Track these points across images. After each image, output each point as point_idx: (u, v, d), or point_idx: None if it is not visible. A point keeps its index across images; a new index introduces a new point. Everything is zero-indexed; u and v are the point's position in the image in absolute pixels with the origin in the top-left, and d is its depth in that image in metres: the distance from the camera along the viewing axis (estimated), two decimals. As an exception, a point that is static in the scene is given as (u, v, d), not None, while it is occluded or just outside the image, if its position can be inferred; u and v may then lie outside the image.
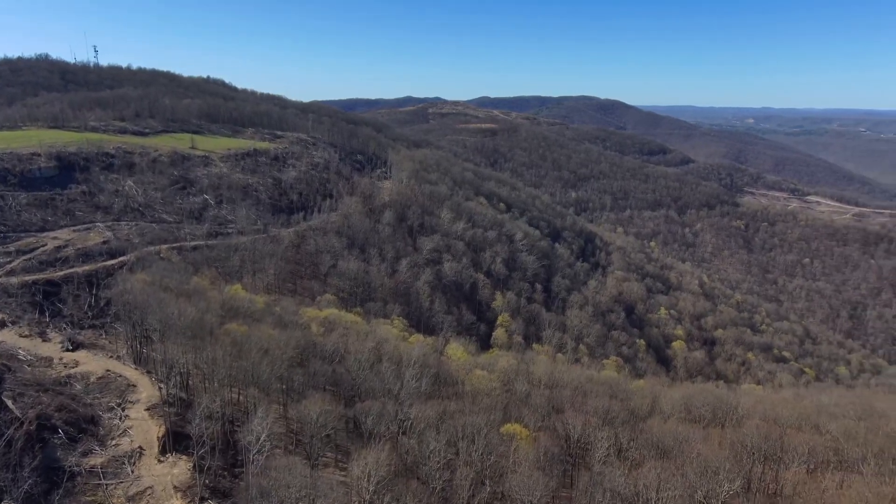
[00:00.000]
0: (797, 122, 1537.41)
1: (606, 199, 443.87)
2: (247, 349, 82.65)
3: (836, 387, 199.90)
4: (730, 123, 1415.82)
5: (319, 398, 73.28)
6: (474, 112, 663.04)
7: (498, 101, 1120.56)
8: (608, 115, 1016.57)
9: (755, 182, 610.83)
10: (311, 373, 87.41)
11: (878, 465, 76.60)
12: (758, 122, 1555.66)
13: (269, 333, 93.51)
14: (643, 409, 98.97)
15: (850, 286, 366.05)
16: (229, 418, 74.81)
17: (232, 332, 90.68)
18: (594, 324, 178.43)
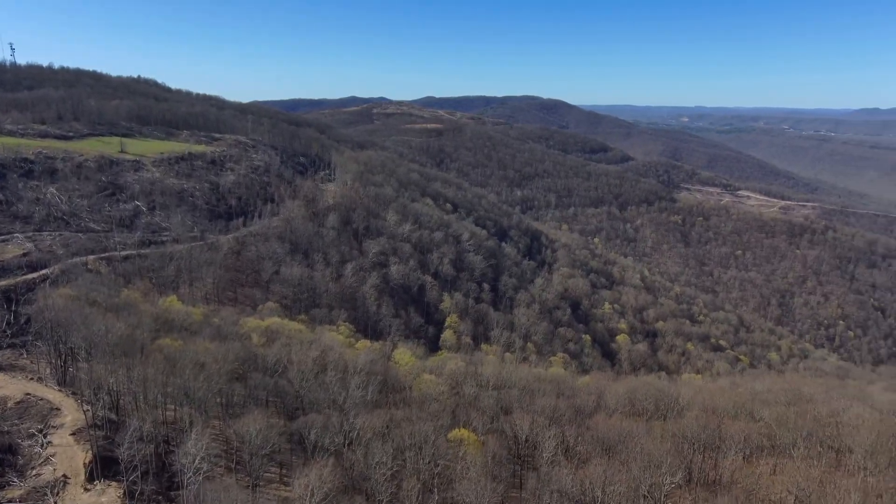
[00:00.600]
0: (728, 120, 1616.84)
1: (551, 197, 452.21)
2: (181, 365, 78.59)
3: (768, 373, 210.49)
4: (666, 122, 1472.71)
5: (260, 413, 70.48)
6: (419, 112, 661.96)
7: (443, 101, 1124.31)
8: (551, 115, 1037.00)
9: (690, 178, 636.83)
10: (251, 387, 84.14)
11: (807, 448, 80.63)
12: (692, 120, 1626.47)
13: (206, 347, 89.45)
14: (589, 405, 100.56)
15: (778, 275, 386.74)
16: (163, 439, 70.89)
17: (165, 347, 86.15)
18: (541, 321, 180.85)
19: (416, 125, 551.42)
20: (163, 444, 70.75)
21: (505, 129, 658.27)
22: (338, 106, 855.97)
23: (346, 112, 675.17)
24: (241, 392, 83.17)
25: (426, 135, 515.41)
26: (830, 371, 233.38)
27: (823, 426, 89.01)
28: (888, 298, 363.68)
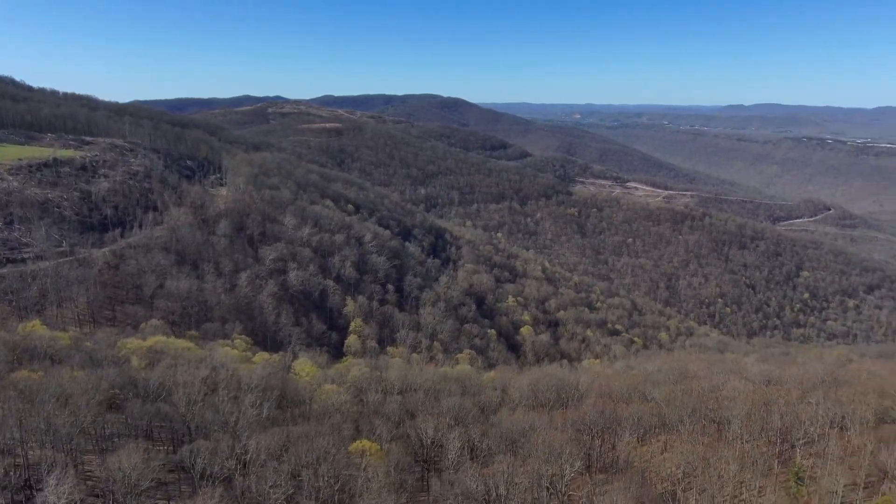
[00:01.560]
0: (615, 116, 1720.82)
1: (454, 194, 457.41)
2: (41, 399, 69.59)
3: (659, 352, 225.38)
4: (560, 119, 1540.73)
5: (136, 446, 63.76)
6: (318, 111, 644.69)
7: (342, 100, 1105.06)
8: (452, 113, 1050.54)
9: (584, 172, 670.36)
10: (129, 417, 76.33)
11: (692, 423, 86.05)
12: (584, 116, 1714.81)
13: (73, 376, 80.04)
14: (493, 401, 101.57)
15: (665, 260, 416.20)
16: (18, 487, 62.21)
17: (22, 380, 76.02)
18: (447, 319, 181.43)
19: (314, 125, 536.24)
20: (19, 492, 62.14)
21: (406, 127, 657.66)
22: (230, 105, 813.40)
23: (239, 112, 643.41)
24: (116, 424, 75.23)
25: (325, 134, 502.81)
26: (712, 346, 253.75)
27: (706, 401, 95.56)
28: (757, 276, 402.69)
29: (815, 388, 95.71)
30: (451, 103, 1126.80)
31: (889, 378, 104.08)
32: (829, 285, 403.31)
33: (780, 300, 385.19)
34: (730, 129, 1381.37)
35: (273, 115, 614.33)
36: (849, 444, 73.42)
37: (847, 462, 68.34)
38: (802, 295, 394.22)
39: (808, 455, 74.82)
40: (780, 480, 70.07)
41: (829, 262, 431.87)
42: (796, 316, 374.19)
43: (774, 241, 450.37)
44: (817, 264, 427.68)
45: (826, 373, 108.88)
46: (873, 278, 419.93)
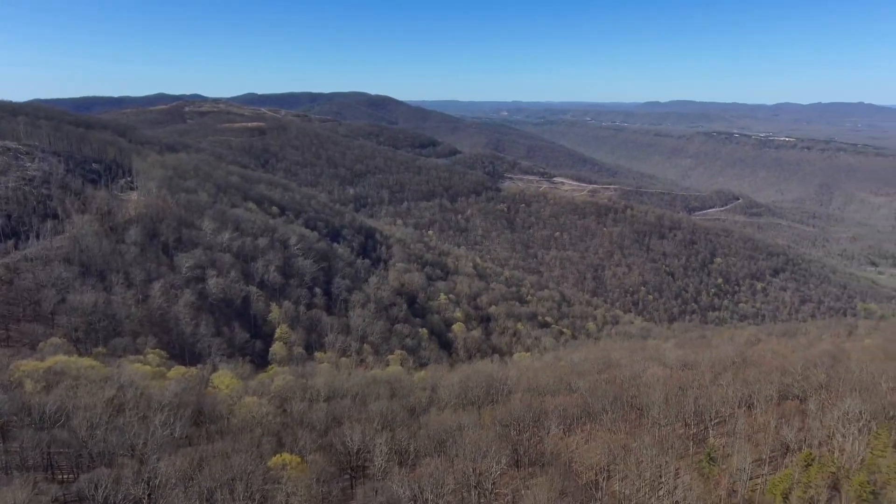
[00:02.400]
0: (541, 113, 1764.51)
1: (384, 193, 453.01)
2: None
3: (587, 342, 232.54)
4: (488, 116, 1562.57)
5: (24, 480, 57.89)
6: (239, 110, 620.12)
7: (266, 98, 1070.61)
8: (380, 111, 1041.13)
9: (513, 168, 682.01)
10: (19, 448, 69.41)
11: (614, 412, 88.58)
12: (511, 114, 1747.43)
13: (-47, 407, 72.02)
14: (423, 402, 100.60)
15: (591, 252, 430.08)
16: None
17: None
18: (378, 320, 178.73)
19: (236, 124, 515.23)
20: None
21: (333, 126, 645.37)
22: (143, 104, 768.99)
23: (154, 111, 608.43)
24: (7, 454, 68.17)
25: (248, 134, 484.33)
26: (636, 333, 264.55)
27: (627, 389, 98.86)
28: (675, 264, 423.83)
29: (725, 369, 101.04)
30: (379, 101, 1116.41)
31: (790, 356, 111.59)
32: (740, 270, 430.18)
33: (696, 286, 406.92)
34: (648, 125, 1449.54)
35: (191, 115, 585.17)
36: (755, 422, 77.73)
37: (754, 439, 72.24)
38: (716, 280, 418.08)
39: (720, 435, 78.63)
40: (695, 461, 73.14)
41: (739, 249, 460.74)
42: (711, 300, 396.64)
43: (690, 230, 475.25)
44: (729, 251, 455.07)
45: (736, 354, 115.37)
46: (778, 262, 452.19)
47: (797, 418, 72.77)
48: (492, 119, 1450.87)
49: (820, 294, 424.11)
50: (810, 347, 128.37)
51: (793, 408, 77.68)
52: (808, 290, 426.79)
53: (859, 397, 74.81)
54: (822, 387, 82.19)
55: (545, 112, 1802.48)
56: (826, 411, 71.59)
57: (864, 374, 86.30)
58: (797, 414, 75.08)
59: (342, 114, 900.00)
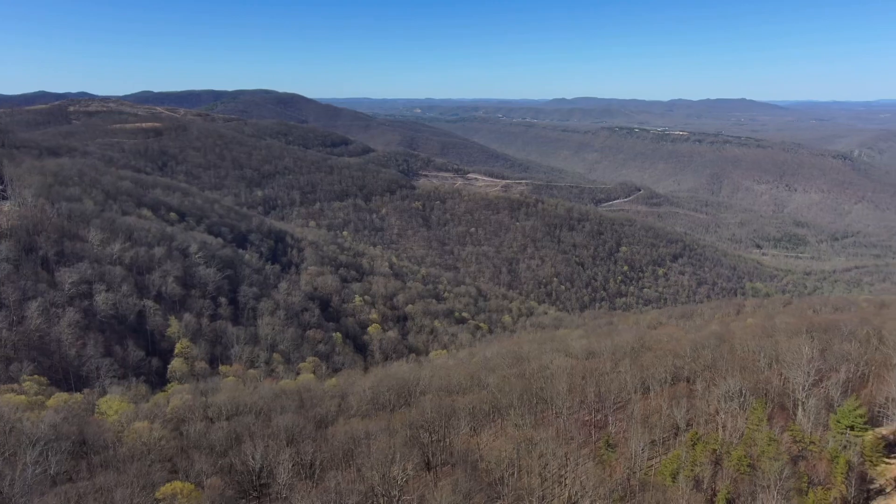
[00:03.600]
0: (454, 110, 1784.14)
1: (295, 194, 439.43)
2: None
3: (503, 335, 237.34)
4: (401, 113, 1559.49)
5: None
6: (133, 109, 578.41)
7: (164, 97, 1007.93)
8: (288, 109, 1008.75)
9: (427, 166, 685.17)
10: None
11: (522, 406, 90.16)
12: (424, 111, 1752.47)
13: None
14: (332, 411, 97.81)
15: (505, 246, 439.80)
16: None
17: None
18: (288, 328, 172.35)
19: (128, 125, 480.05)
20: None
21: (238, 125, 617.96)
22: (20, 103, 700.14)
23: (32, 111, 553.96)
24: None
25: (143, 135, 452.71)
26: (549, 323, 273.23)
27: (535, 381, 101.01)
28: (585, 254, 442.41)
29: (625, 356, 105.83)
30: (287, 99, 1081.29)
31: (684, 338, 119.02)
32: (643, 257, 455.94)
33: (604, 274, 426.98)
34: (556, 121, 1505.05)
35: (76, 115, 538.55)
36: (649, 406, 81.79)
37: (649, 422, 75.90)
38: (623, 268, 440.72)
39: (620, 420, 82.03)
40: (596, 448, 75.77)
41: (642, 237, 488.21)
42: (619, 287, 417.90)
43: (597, 221, 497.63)
44: (632, 239, 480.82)
45: (634, 340, 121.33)
46: (676, 248, 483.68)
47: (686, 399, 77.28)
48: (405, 116, 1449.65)
49: (714, 276, 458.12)
50: (701, 329, 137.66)
51: (683, 389, 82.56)
52: (703, 273, 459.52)
53: (739, 375, 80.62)
54: (707, 367, 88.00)
55: (458, 109, 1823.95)
56: (711, 391, 76.57)
57: (744, 353, 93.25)
58: (686, 395, 79.82)
59: (248, 112, 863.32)
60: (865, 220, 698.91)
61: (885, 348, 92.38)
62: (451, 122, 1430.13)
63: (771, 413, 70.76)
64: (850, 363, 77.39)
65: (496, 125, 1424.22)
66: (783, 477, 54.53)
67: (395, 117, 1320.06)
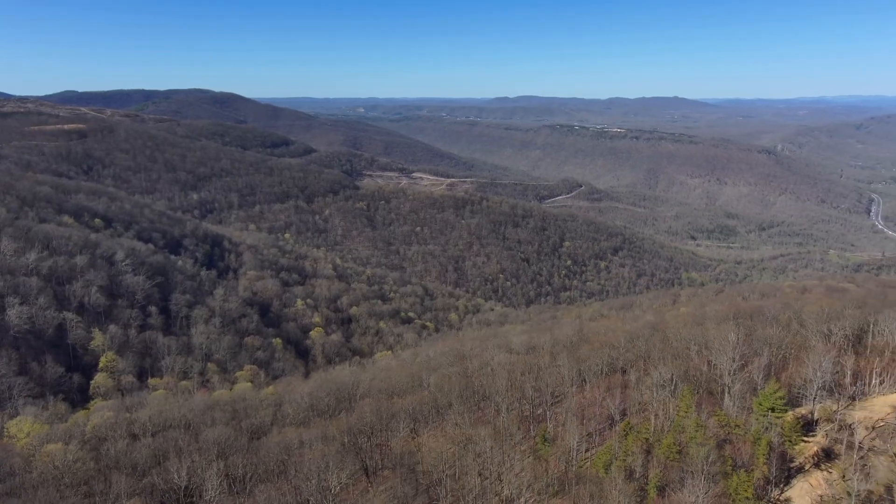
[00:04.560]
0: (398, 109, 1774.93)
1: (233, 197, 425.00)
2: None
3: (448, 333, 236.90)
4: (344, 113, 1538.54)
5: None
6: (54, 110, 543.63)
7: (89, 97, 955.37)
8: (225, 109, 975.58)
9: (371, 165, 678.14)
10: None
11: (461, 405, 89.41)
12: (367, 110, 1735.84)
13: None
14: (266, 421, 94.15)
15: (451, 244, 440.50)
16: None
17: None
18: (224, 335, 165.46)
19: (48, 126, 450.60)
20: None
21: (171, 126, 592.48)
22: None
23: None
24: None
25: (65, 137, 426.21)
26: (495, 320, 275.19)
27: (477, 379, 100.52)
28: (529, 250, 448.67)
29: (564, 349, 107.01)
30: (224, 98, 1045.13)
31: (620, 329, 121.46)
32: (585, 251, 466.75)
33: (549, 269, 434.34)
34: (499, 119, 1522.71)
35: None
36: (585, 398, 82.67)
37: (585, 415, 76.56)
38: (566, 262, 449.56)
39: (557, 414, 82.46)
40: (534, 444, 75.77)
41: (584, 232, 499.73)
42: (563, 281, 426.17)
43: (541, 217, 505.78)
44: (575, 234, 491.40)
45: (573, 333, 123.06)
46: (617, 241, 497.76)
47: (620, 390, 78.48)
48: (348, 116, 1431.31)
49: (652, 267, 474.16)
50: (637, 320, 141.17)
51: (617, 380, 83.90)
52: (642, 264, 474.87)
53: (671, 364, 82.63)
54: (641, 357, 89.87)
55: (402, 108, 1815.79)
56: (643, 380, 78.04)
57: (676, 342, 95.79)
58: (620, 386, 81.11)
59: (182, 113, 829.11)
60: (789, 211, 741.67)
61: (805, 331, 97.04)
62: (395, 122, 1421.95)
63: (700, 399, 72.66)
64: (772, 347, 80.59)
65: (440, 124, 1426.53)
66: (709, 462, 55.78)
67: (337, 117, 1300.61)
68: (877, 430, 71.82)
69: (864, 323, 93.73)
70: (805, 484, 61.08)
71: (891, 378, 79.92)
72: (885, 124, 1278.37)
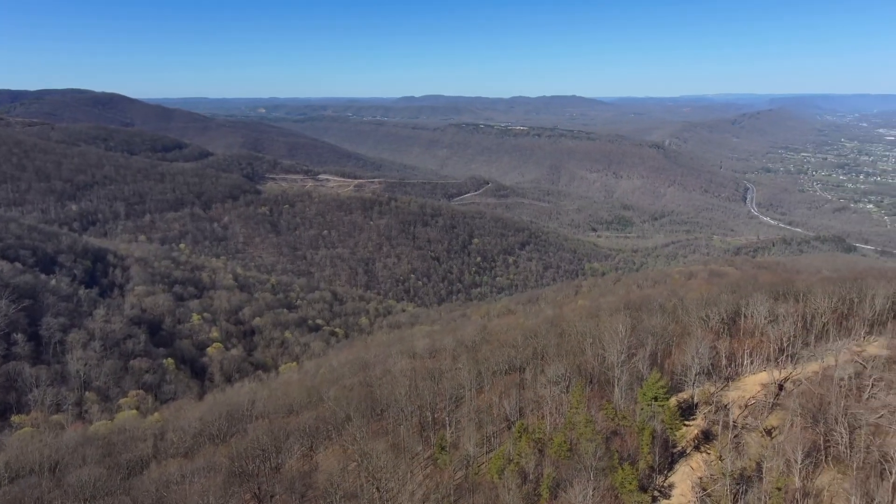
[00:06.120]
0: (301, 109, 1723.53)
1: (119, 206, 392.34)
2: None
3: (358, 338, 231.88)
4: (244, 114, 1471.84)
5: None
6: None
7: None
8: (109, 111, 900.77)
9: (274, 168, 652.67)
10: None
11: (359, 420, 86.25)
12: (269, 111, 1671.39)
13: None
14: (147, 453, 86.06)
15: (360, 247, 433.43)
16: None
17: None
18: (106, 360, 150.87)
19: None
20: None
21: (43, 130, 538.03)
22: None
23: None
24: None
25: None
26: (406, 321, 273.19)
27: (377, 388, 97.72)
28: (440, 249, 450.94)
29: (465, 350, 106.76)
30: (106, 99, 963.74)
31: (521, 326, 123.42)
32: (494, 247, 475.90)
33: (459, 267, 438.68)
34: (406, 119, 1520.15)
35: None
36: (483, 401, 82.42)
37: (482, 418, 76.11)
38: (476, 259, 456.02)
39: (457, 420, 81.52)
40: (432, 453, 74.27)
41: (492, 228, 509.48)
42: (473, 278, 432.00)
43: (450, 215, 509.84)
44: (484, 231, 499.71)
45: (477, 333, 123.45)
46: (523, 236, 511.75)
47: (516, 390, 78.83)
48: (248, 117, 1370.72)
49: (558, 260, 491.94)
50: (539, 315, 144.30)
51: (514, 380, 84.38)
52: (548, 257, 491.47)
53: (566, 359, 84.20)
54: (538, 354, 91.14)
55: (305, 108, 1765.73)
56: (538, 378, 78.85)
57: (572, 336, 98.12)
58: (517, 385, 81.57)
59: (57, 115, 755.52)
60: (677, 201, 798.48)
61: (688, 317, 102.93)
62: (299, 122, 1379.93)
63: (592, 394, 74.34)
64: (656, 337, 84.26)
65: (346, 124, 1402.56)
66: (598, 457, 56.67)
67: (236, 118, 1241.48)
68: (749, 408, 77.01)
69: (738, 307, 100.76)
70: (686, 467, 63.89)
71: (760, 357, 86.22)
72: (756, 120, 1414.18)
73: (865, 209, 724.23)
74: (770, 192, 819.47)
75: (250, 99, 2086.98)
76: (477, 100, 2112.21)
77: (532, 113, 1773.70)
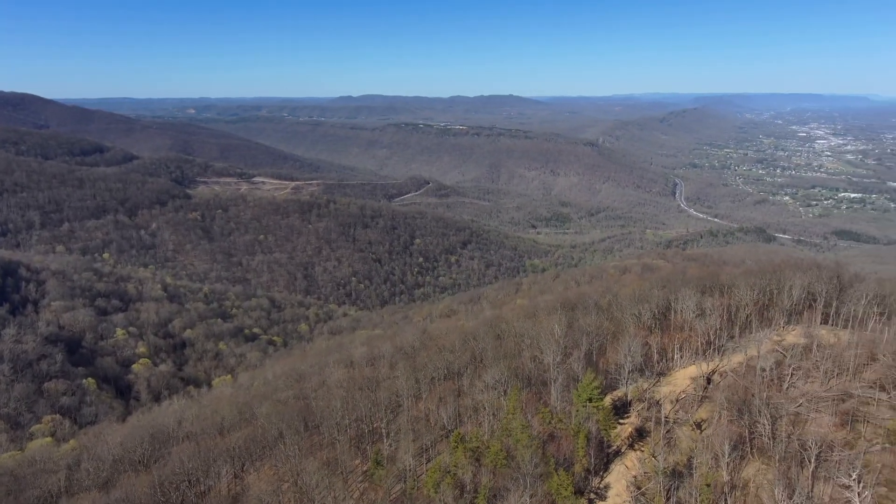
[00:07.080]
0: (233, 110, 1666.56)
1: (33, 215, 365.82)
2: None
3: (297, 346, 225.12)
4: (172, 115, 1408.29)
5: None
6: None
7: None
8: (20, 112, 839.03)
9: (205, 171, 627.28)
10: None
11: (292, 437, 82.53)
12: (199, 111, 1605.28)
13: None
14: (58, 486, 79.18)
15: (299, 251, 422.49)
16: None
17: None
18: (16, 384, 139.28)
19: None
20: None
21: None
22: None
23: None
24: None
25: None
26: (347, 325, 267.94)
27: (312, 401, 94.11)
28: (381, 250, 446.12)
29: (403, 357, 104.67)
30: (17, 100, 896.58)
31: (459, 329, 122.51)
32: (436, 247, 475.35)
33: (402, 268, 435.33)
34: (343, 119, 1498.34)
35: None
36: (421, 410, 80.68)
37: (418, 429, 74.32)
38: (418, 259, 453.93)
39: (394, 431, 79.37)
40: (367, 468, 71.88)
41: (434, 228, 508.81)
42: (416, 279, 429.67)
43: (391, 216, 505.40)
44: (425, 231, 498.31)
45: (416, 338, 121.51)
46: (465, 235, 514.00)
47: (453, 397, 77.54)
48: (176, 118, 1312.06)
49: (499, 257, 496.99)
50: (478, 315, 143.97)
51: (451, 387, 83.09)
52: (490, 255, 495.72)
53: (503, 362, 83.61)
54: (475, 359, 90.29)
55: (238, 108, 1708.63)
56: (475, 384, 77.88)
57: (509, 338, 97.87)
58: (454, 392, 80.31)
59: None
60: (612, 197, 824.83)
61: (622, 314, 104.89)
62: (232, 123, 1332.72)
63: (529, 396, 74.02)
64: (590, 336, 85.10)
65: (281, 125, 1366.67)
66: (534, 464, 56.06)
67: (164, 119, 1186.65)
68: (679, 402, 78.90)
69: (668, 302, 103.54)
70: (621, 466, 64.47)
71: (689, 351, 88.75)
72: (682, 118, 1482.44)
73: (783, 201, 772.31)
74: (697, 187, 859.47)
75: (179, 99, 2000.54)
76: (416, 99, 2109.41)
77: (471, 112, 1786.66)
